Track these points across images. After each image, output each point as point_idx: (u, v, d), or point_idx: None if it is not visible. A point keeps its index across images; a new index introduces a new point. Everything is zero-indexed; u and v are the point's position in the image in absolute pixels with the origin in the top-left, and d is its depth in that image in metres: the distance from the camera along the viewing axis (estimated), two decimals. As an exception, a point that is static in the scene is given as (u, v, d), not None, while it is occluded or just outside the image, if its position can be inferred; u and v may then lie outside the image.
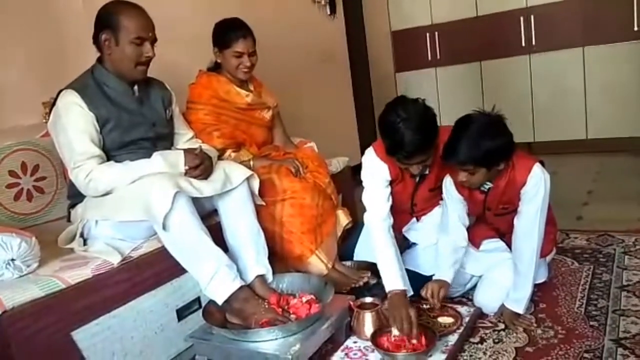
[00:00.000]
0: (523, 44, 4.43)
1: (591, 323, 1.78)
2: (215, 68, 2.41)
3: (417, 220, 2.25)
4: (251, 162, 2.28)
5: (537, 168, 1.75)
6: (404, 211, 2.18)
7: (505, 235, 1.98)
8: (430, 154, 1.82)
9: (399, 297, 1.79)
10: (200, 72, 2.42)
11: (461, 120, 1.73)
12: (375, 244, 1.95)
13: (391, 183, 2.01)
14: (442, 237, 1.98)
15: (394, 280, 1.83)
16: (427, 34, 4.83)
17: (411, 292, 1.87)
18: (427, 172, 1.98)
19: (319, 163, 2.41)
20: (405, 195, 2.09)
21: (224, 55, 2.32)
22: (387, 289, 1.84)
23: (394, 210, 2.02)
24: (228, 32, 2.30)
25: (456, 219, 1.93)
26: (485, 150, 1.65)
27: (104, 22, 1.82)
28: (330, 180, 2.37)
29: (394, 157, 1.83)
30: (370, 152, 2.02)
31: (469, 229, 2.00)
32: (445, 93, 4.79)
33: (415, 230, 2.25)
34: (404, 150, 1.76)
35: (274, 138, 2.61)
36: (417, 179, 2.03)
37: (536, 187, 1.75)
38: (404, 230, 2.25)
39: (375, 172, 1.99)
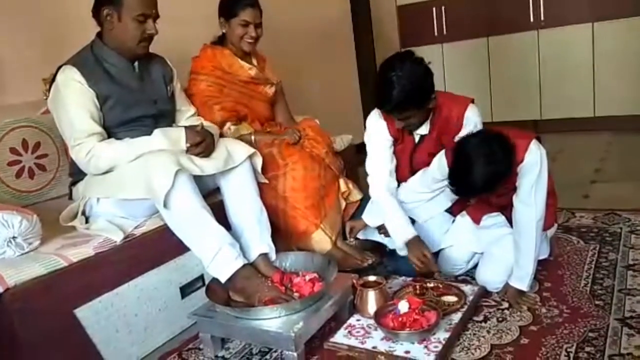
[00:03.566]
0: (531, 20, 4.34)
1: (596, 302, 1.77)
2: (220, 42, 2.39)
3: None
4: (252, 137, 2.26)
5: (532, 145, 1.75)
6: (404, 180, 2.16)
7: (506, 208, 1.97)
8: (417, 114, 1.88)
9: (415, 240, 1.94)
10: (205, 46, 2.40)
11: (460, 152, 1.72)
12: (381, 205, 2.05)
13: (394, 144, 2.07)
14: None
15: (405, 230, 1.98)
16: (434, 9, 4.74)
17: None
18: (426, 132, 2.00)
19: (317, 132, 2.39)
20: (405, 158, 2.09)
21: (230, 24, 2.30)
22: (402, 240, 1.96)
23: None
24: (236, 1, 2.27)
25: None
26: (495, 182, 1.69)
27: None
28: (327, 150, 2.34)
29: (380, 110, 1.94)
30: (373, 112, 2.08)
31: (468, 206, 2.05)
32: (452, 69, 4.72)
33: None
34: (388, 104, 1.85)
35: (277, 114, 2.59)
36: (417, 139, 2.04)
37: (532, 162, 1.74)
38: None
39: (376, 131, 2.06)
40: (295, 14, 3.63)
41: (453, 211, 2.12)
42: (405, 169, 2.11)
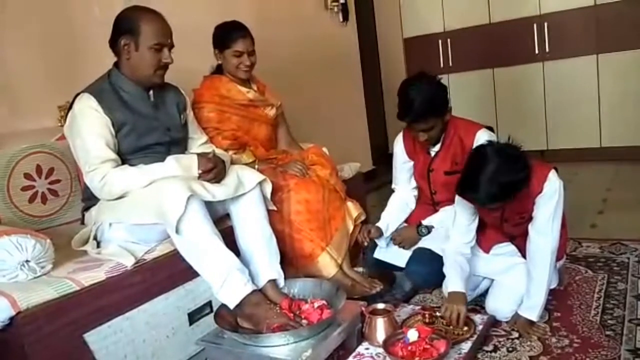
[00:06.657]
0: (536, 51, 4.42)
1: (607, 332, 1.76)
2: (217, 72, 2.44)
3: None
4: (256, 166, 2.28)
5: (552, 175, 1.77)
6: (426, 203, 2.31)
7: (516, 238, 1.97)
8: (436, 124, 2.06)
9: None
10: (204, 77, 2.45)
11: (476, 156, 1.73)
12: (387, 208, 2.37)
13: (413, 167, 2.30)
14: (447, 244, 1.99)
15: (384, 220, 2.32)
16: (440, 41, 4.83)
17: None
18: (437, 148, 2.17)
19: (321, 156, 2.42)
20: (423, 178, 2.26)
21: (224, 56, 2.36)
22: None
23: (417, 203, 2.35)
24: (227, 33, 2.34)
25: (464, 222, 1.94)
26: (504, 190, 1.67)
27: (124, 27, 1.84)
28: (331, 172, 2.37)
29: (403, 121, 2.09)
30: (400, 133, 2.33)
31: (477, 234, 2.02)
32: (458, 100, 4.72)
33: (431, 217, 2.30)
34: (410, 115, 2.03)
35: (278, 137, 2.61)
36: (431, 155, 2.19)
37: (551, 192, 1.76)
38: (423, 221, 2.29)
39: (395, 148, 2.35)
40: (304, 44, 3.70)
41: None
42: (426, 191, 2.29)
